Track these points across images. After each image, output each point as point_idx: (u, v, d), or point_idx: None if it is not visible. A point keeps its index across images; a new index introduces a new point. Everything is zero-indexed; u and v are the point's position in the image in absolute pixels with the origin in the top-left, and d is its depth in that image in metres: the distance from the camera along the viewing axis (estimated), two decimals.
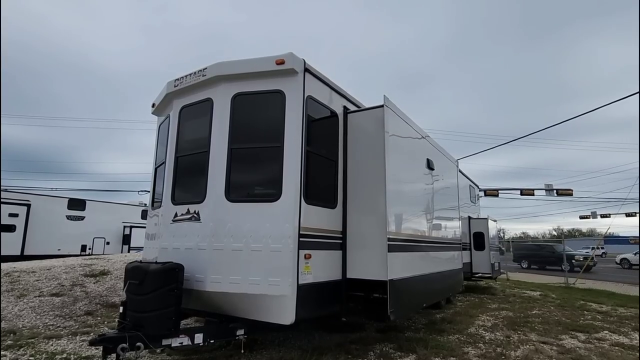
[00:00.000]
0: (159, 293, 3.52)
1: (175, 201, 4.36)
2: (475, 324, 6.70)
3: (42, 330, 5.44)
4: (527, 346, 5.36)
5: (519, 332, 6.22)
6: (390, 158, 4.47)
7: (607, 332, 6.36)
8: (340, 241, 4.52)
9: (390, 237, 4.28)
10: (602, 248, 46.22)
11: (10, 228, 15.43)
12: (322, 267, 4.13)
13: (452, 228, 7.24)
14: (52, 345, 4.84)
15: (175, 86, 4.57)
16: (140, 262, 3.91)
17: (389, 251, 4.18)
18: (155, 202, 4.97)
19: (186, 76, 4.46)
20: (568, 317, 7.62)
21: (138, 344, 3.35)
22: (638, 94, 10.79)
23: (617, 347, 5.45)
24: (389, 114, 4.58)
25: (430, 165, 5.94)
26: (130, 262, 3.90)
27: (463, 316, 7.29)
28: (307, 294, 3.78)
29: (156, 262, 3.77)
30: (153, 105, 5.23)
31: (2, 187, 17.75)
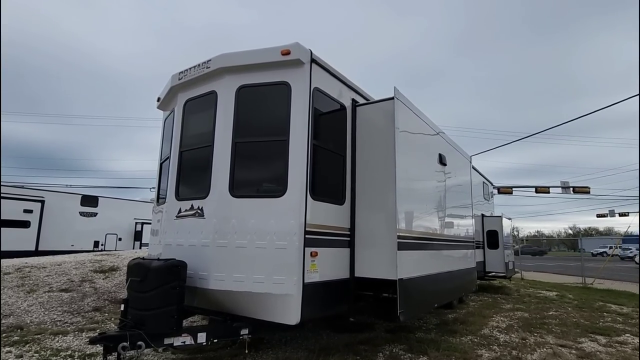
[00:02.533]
0: (161, 291, 3.42)
1: (179, 197, 4.26)
2: (489, 325, 6.47)
3: (49, 326, 5.44)
4: (544, 349, 5.13)
5: (535, 334, 5.98)
6: (401, 153, 4.28)
7: (629, 335, 6.07)
8: (348, 239, 4.36)
9: (401, 234, 4.10)
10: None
11: (25, 224, 15.69)
12: (329, 266, 3.98)
13: (465, 226, 7.01)
14: (57, 341, 4.82)
15: (179, 79, 4.47)
16: (143, 258, 3.83)
17: (398, 249, 4.01)
18: (160, 198, 4.89)
19: (190, 68, 4.35)
20: (587, 318, 7.32)
21: (139, 343, 3.26)
22: (638, 96, 10.36)
23: None
24: (399, 107, 4.39)
25: (442, 161, 5.73)
26: (133, 259, 3.81)
27: (476, 317, 7.06)
28: (313, 293, 3.64)
29: (158, 259, 3.68)
30: (158, 100, 5.15)
31: (17, 184, 18.09)
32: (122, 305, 3.48)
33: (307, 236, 3.66)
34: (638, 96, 9.64)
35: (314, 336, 5.34)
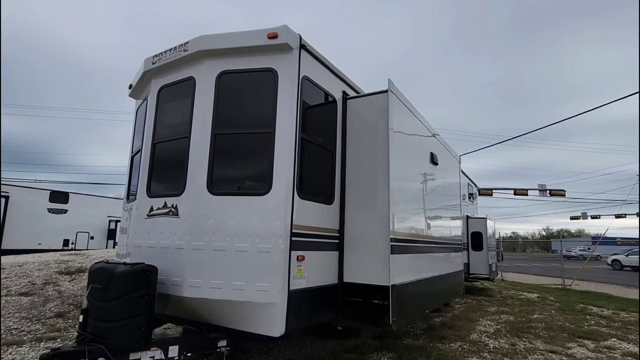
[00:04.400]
0: (126, 299, 3.01)
1: (151, 193, 3.84)
2: (476, 329, 6.31)
3: (4, 335, 4.89)
4: (535, 356, 4.98)
5: (524, 339, 5.84)
6: (394, 150, 4.00)
7: (615, 339, 6.02)
8: (337, 241, 4.05)
9: (394, 237, 3.82)
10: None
11: None
12: (317, 271, 3.66)
13: (455, 227, 6.82)
14: (11, 353, 4.31)
15: (153, 63, 4.04)
16: (107, 262, 3.40)
17: (392, 253, 3.72)
18: (130, 194, 4.45)
19: (166, 52, 3.93)
20: (571, 322, 7.28)
21: (100, 359, 2.85)
22: (638, 95, 10.56)
23: (629, 358, 5.10)
24: (393, 101, 4.11)
25: (434, 160, 5.49)
26: (96, 263, 3.38)
27: (463, 320, 6.89)
28: (299, 301, 3.31)
29: (124, 263, 3.26)
30: (130, 87, 4.69)
31: None
32: (81, 316, 3.05)
33: (293, 238, 3.33)
34: (638, 96, 9.70)
35: (298, 344, 5.01)
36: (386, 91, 4.09)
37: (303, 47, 3.65)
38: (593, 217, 40.17)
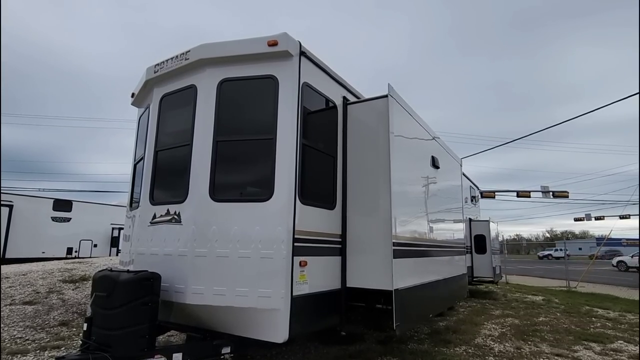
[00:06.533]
0: (130, 307, 3.02)
1: (154, 201, 3.87)
2: (481, 333, 6.27)
3: (8, 344, 4.90)
4: None
5: (529, 342, 5.80)
6: (395, 154, 4.01)
7: (621, 342, 5.97)
8: (339, 246, 4.05)
9: (396, 241, 3.82)
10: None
11: None
12: (320, 276, 3.66)
13: (457, 230, 6.81)
14: None
15: (155, 72, 4.09)
16: (111, 270, 3.41)
17: (394, 257, 3.72)
18: (134, 202, 4.47)
19: (167, 60, 3.98)
20: (577, 324, 7.23)
21: None
22: (638, 95, 10.55)
23: None
24: (393, 106, 4.13)
25: (435, 164, 5.50)
26: (100, 271, 3.40)
27: (467, 324, 6.86)
28: (302, 306, 3.31)
29: (128, 271, 3.27)
30: (132, 95, 4.74)
31: None
32: (85, 324, 3.06)
33: (295, 244, 3.34)
34: (638, 96, 9.68)
35: (302, 350, 4.99)
36: (386, 96, 4.11)
37: (303, 53, 3.68)
38: (597, 219, 39.86)
